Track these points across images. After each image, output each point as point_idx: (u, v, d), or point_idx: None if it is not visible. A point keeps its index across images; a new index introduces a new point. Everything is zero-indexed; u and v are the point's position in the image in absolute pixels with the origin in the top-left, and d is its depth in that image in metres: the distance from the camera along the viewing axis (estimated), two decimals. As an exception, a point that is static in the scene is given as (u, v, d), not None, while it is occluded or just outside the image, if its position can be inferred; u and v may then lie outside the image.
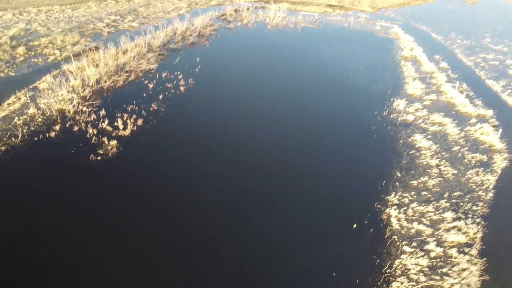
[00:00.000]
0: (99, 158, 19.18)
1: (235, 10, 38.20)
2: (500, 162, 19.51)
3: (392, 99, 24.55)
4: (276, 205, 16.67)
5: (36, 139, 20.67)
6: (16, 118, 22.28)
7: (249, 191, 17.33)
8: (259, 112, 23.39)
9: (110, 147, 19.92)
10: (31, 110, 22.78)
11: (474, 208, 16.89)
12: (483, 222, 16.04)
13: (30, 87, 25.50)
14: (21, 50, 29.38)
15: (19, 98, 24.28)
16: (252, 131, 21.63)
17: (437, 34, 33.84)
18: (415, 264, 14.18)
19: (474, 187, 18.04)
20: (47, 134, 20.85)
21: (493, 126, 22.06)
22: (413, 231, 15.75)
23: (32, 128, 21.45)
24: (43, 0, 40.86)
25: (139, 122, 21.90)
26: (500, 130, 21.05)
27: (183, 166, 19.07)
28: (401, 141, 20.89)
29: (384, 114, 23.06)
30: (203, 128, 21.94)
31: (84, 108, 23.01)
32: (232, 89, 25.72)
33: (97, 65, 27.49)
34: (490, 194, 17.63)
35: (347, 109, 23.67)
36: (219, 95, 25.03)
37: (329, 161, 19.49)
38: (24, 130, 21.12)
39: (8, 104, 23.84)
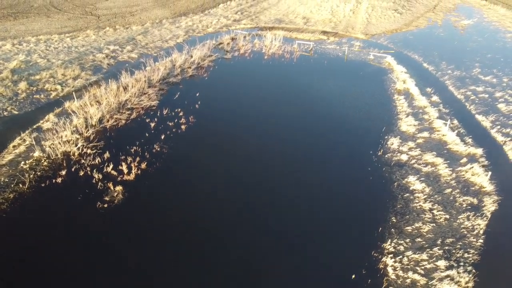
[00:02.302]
0: (105, 205, 19.85)
1: (232, 39, 38.95)
2: (489, 206, 20.46)
3: (386, 137, 25.48)
4: (270, 258, 17.44)
5: (43, 185, 21.27)
6: (22, 162, 22.87)
7: (250, 238, 18.17)
8: (253, 153, 24.15)
9: (116, 194, 20.60)
10: (37, 154, 23.38)
11: (466, 255, 17.80)
12: (474, 270, 16.94)
13: (34, 127, 26.10)
14: (22, 85, 29.91)
15: (24, 140, 24.87)
16: (250, 172, 22.44)
17: (429, 64, 34.90)
18: (411, 318, 15.08)
19: (466, 232, 18.98)
20: (54, 180, 21.46)
21: (482, 166, 23.07)
22: (408, 281, 16.61)
23: (39, 173, 22.06)
24: (42, 28, 41.35)
25: (143, 165, 22.59)
26: (489, 173, 22.04)
27: (187, 212, 19.83)
28: (395, 183, 21.80)
29: (379, 153, 23.97)
30: (204, 171, 22.67)
31: (89, 151, 23.65)
32: (231, 126, 26.45)
33: (99, 101, 28.14)
34: (481, 240, 18.56)
35: (344, 149, 24.49)
36: (219, 134, 25.72)
37: (328, 207, 20.26)
38: (31, 176, 21.72)
39: (13, 146, 24.43)
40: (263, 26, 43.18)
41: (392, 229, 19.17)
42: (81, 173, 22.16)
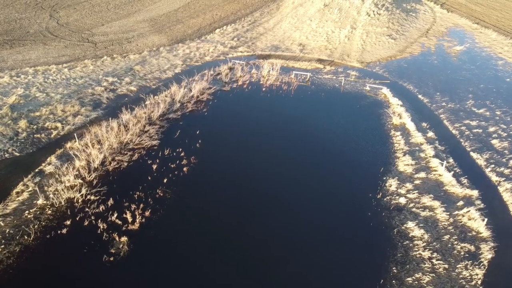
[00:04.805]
0: (112, 258, 20.14)
1: (230, 68, 39.31)
2: (486, 253, 21.07)
3: (384, 178, 26.02)
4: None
5: (48, 236, 21.48)
6: (27, 211, 23.04)
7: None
8: (253, 196, 24.65)
9: (121, 245, 20.88)
10: (40, 201, 23.57)
11: (465, 309, 18.43)
12: (474, 326, 17.57)
13: (36, 170, 26.22)
14: (23, 123, 29.98)
15: (27, 186, 25.02)
16: (253, 216, 22.86)
17: (424, 95, 35.57)
18: None
19: (464, 283, 19.52)
20: (59, 231, 21.67)
21: (478, 210, 23.68)
22: (411, 338, 17.16)
23: (43, 223, 22.25)
24: (39, 57, 41.35)
25: (147, 213, 22.88)
26: (486, 219, 22.65)
27: (192, 263, 20.16)
28: (395, 230, 22.34)
29: (378, 197, 24.49)
30: (207, 217, 23.00)
31: (92, 197, 23.87)
32: (232, 167, 26.84)
33: (100, 141, 28.33)
34: (479, 292, 19.21)
35: (344, 193, 25.00)
36: (220, 176, 26.10)
37: (330, 256, 20.69)
38: (36, 226, 21.91)
39: (17, 193, 24.58)
40: (260, 53, 43.59)
41: (393, 281, 19.66)
42: (86, 222, 22.36)
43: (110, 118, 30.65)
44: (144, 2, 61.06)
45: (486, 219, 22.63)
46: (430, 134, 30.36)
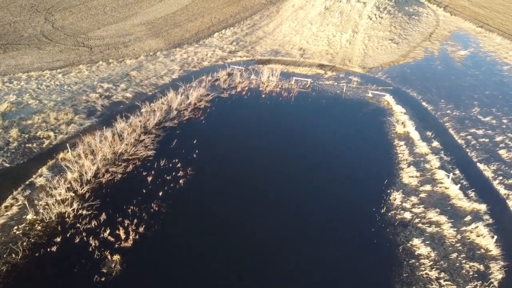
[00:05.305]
0: (103, 279, 19.13)
1: (228, 74, 38.32)
2: (496, 273, 20.05)
3: (388, 191, 25.02)
4: None
5: (37, 255, 20.47)
6: (15, 227, 22.04)
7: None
8: (252, 211, 23.56)
9: (113, 264, 19.88)
10: (30, 216, 22.56)
11: (476, 335, 17.46)
12: None
13: (27, 182, 25.21)
14: (14, 132, 29.00)
15: (17, 199, 24.02)
16: (252, 235, 21.78)
17: (428, 103, 34.59)
18: None
19: (474, 306, 18.61)
20: (48, 249, 20.66)
21: (487, 225, 22.67)
22: None
23: (32, 240, 21.26)
24: (33, 62, 40.35)
25: (141, 229, 21.88)
26: (495, 236, 21.67)
27: (188, 285, 19.27)
28: (400, 247, 21.33)
29: (382, 211, 23.49)
30: (206, 232, 21.99)
31: (84, 211, 22.87)
32: (230, 180, 25.85)
33: (93, 151, 27.36)
34: (490, 317, 18.25)
35: (347, 207, 23.87)
36: (218, 189, 25.11)
37: (334, 276, 19.67)
38: (24, 243, 20.92)
39: (5, 207, 23.57)
40: (259, 58, 42.60)
41: (400, 304, 18.76)
42: (77, 239, 21.34)
43: (104, 127, 29.66)
44: (142, 5, 60.11)
45: (495, 236, 21.67)
46: (435, 143, 29.36)
